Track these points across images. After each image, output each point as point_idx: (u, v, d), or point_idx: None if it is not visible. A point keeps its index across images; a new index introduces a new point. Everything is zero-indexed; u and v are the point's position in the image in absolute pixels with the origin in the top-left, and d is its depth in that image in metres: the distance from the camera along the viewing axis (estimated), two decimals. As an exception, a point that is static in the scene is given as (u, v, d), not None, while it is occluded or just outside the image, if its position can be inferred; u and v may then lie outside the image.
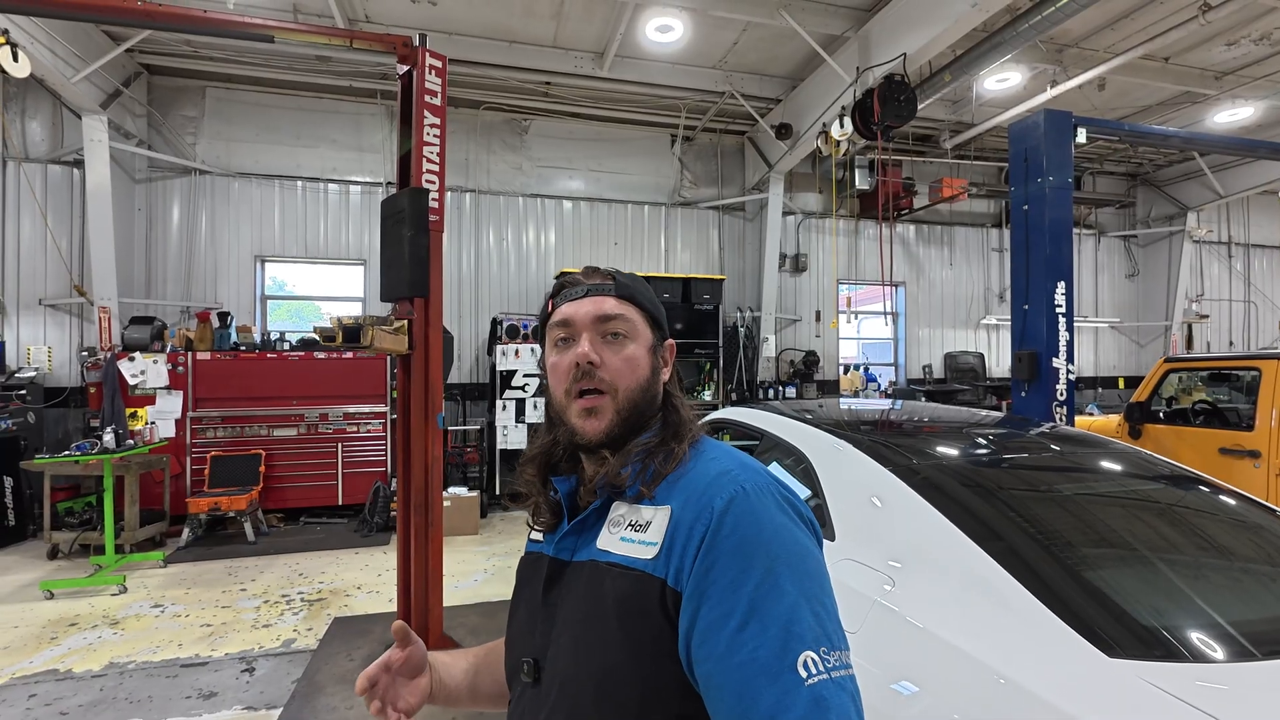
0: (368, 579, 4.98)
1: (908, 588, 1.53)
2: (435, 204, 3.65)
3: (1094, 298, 11.03)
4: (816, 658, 0.65)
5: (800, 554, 0.72)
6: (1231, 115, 8.34)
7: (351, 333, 2.68)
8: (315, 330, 2.91)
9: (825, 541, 0.94)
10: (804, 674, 0.64)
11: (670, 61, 7.19)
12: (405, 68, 3.70)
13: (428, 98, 3.65)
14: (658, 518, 0.78)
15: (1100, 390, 10.87)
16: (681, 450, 0.84)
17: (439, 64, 3.70)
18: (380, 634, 3.95)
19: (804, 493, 2.03)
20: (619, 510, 0.83)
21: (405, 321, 3.51)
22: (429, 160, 3.65)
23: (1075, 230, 10.89)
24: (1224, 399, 5.72)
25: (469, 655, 1.05)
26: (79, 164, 6.61)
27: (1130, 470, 2.04)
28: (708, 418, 2.98)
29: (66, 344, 6.82)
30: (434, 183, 3.67)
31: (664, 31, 6.41)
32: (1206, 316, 11.10)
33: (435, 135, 3.68)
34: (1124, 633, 1.26)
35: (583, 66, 7.07)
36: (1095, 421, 5.69)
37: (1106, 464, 2.09)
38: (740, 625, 0.67)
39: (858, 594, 1.57)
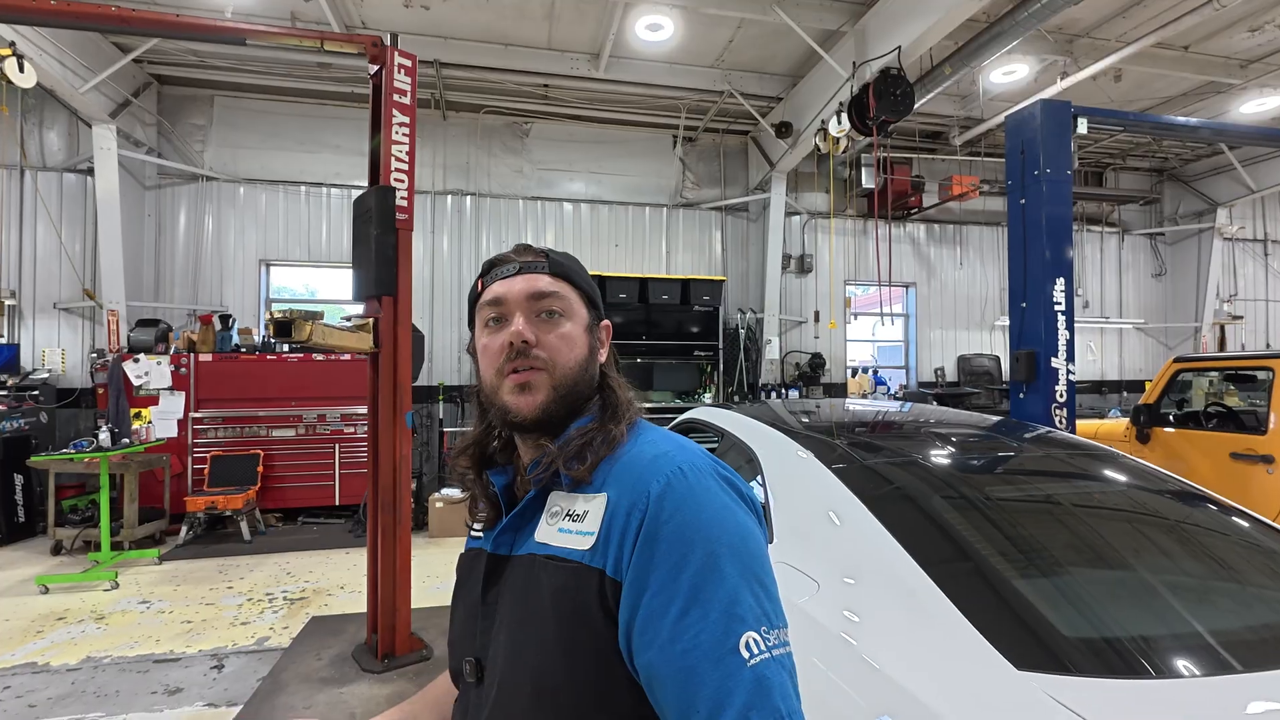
0: (352, 579, 5.00)
1: (834, 597, 1.46)
2: (404, 203, 3.66)
3: (1118, 298, 10.63)
4: (758, 637, 0.64)
5: (741, 535, 0.70)
6: (1260, 105, 7.95)
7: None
8: (269, 323, 2.91)
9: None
10: (746, 654, 0.63)
11: (666, 61, 7.13)
12: (376, 67, 3.72)
13: (397, 96, 3.66)
14: (594, 506, 0.76)
15: (1125, 394, 10.45)
16: (619, 432, 0.81)
17: (408, 63, 3.70)
18: (353, 634, 3.95)
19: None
20: (557, 500, 0.80)
21: (371, 320, 3.52)
22: (398, 159, 3.66)
23: (1098, 229, 10.54)
24: (1260, 404, 5.39)
25: (401, 708, 1.01)
26: (92, 172, 6.82)
27: (1097, 475, 1.90)
28: (673, 422, 2.91)
29: (79, 346, 7.03)
30: (403, 181, 3.66)
31: (654, 30, 6.35)
32: (1240, 317, 10.59)
33: (404, 134, 3.68)
34: (1038, 646, 1.20)
35: (579, 68, 7.06)
36: (1102, 426, 5.43)
37: (1073, 468, 1.94)
38: (682, 612, 0.65)
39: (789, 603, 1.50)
